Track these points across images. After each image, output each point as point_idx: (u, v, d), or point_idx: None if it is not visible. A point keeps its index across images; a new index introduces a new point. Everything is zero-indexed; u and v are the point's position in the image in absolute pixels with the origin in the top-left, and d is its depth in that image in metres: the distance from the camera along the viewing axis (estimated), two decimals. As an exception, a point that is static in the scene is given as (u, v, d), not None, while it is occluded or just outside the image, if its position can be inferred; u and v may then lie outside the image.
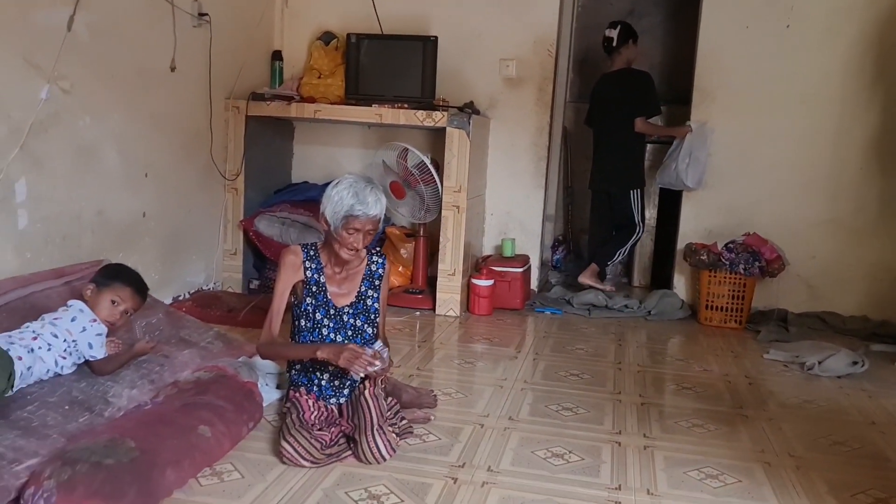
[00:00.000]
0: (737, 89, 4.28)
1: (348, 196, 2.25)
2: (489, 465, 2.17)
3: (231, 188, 4.11)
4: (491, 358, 3.33)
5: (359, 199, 2.24)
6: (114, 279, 2.40)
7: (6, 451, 1.80)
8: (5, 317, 2.36)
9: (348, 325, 2.41)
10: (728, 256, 4.05)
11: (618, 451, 2.33)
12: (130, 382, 2.33)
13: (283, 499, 1.91)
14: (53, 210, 2.81)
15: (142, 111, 3.29)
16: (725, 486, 2.13)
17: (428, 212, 4.06)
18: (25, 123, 2.61)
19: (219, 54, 3.83)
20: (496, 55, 4.43)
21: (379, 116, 3.99)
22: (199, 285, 3.94)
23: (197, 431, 2.05)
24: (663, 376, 3.19)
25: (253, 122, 4.09)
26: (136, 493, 1.69)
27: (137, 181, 3.32)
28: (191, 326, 2.93)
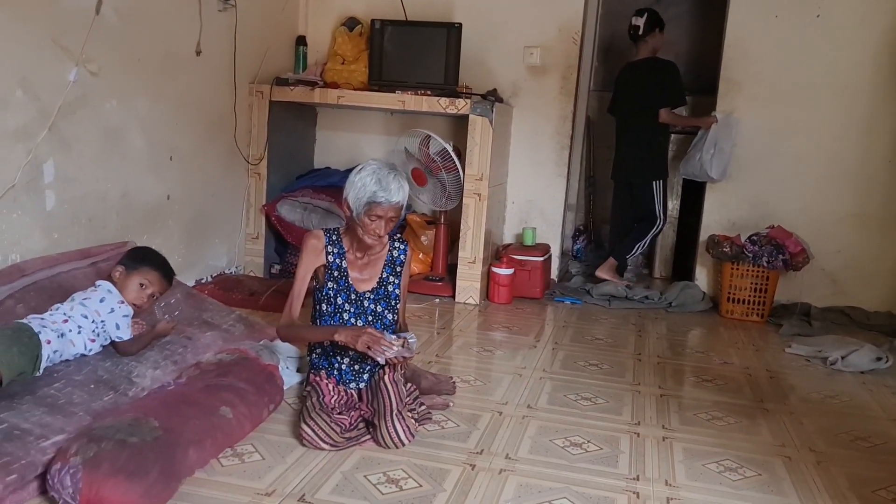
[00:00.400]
0: (764, 79, 4.22)
1: (371, 182, 2.25)
2: (507, 453, 2.18)
3: (254, 173, 4.13)
4: (510, 346, 3.33)
5: (381, 186, 2.24)
6: (143, 263, 2.44)
7: (33, 428, 1.84)
8: (33, 295, 2.41)
9: (369, 311, 2.42)
10: (751, 249, 4.01)
11: (636, 441, 2.32)
12: (154, 363, 2.36)
13: (302, 480, 1.93)
14: (80, 191, 2.84)
15: (167, 95, 3.32)
16: (745, 479, 2.12)
17: (449, 199, 4.05)
18: (54, 105, 2.64)
19: (244, 39, 3.84)
20: (520, 42, 4.40)
21: (402, 103, 3.99)
22: (221, 269, 3.97)
23: (219, 412, 2.07)
24: (683, 368, 3.17)
25: (276, 107, 4.11)
26: (159, 472, 1.72)
27: (162, 164, 3.35)
28: (213, 309, 2.96)
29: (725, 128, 4.20)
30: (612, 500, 1.94)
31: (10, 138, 2.49)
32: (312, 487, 1.90)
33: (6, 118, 2.47)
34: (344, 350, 2.37)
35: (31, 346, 2.06)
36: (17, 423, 1.84)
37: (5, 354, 1.96)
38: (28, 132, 2.56)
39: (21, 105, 2.52)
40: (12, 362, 1.97)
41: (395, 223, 2.35)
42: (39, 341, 2.09)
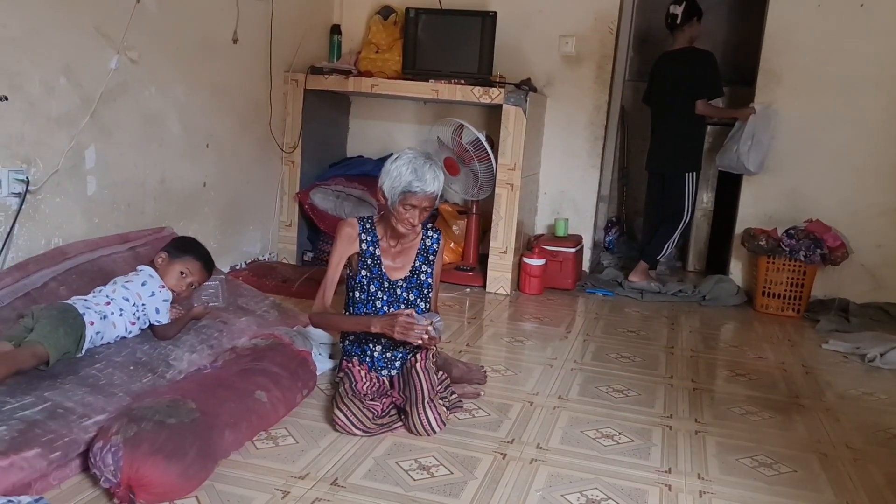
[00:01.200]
0: (805, 70, 4.14)
1: (407, 172, 2.25)
2: (538, 443, 2.18)
3: (288, 161, 4.17)
4: (541, 337, 3.32)
5: (417, 176, 2.25)
6: (186, 252, 2.49)
7: (76, 407, 1.89)
8: (75, 278, 2.46)
9: (401, 299, 2.43)
10: (788, 242, 3.94)
11: (668, 434, 2.31)
12: (191, 347, 2.40)
13: (335, 465, 1.95)
14: (120, 177, 2.89)
15: (204, 82, 3.36)
16: (779, 475, 2.09)
17: (481, 189, 4.05)
18: (96, 92, 2.69)
19: (279, 27, 3.87)
20: (555, 31, 4.37)
21: (435, 92, 3.99)
22: (254, 255, 4.02)
23: (254, 396, 2.10)
24: (716, 362, 3.14)
25: (311, 96, 4.14)
26: (196, 453, 1.75)
27: (199, 151, 3.40)
28: (248, 295, 3.00)
29: (764, 120, 4.12)
30: (644, 492, 1.93)
31: (54, 124, 2.54)
32: (345, 472, 1.92)
33: (51, 105, 2.52)
34: (376, 338, 2.39)
35: (75, 326, 2.11)
36: (60, 401, 1.89)
37: (52, 335, 2.01)
38: (71, 119, 2.61)
39: (65, 92, 2.57)
40: (58, 343, 2.02)
41: (430, 213, 2.36)
42: (84, 322, 2.14)
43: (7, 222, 2.40)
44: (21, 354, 1.95)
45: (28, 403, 1.85)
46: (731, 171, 4.31)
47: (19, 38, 2.36)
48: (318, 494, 1.80)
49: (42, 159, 2.51)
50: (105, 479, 1.68)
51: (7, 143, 2.37)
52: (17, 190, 2.41)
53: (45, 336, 2.01)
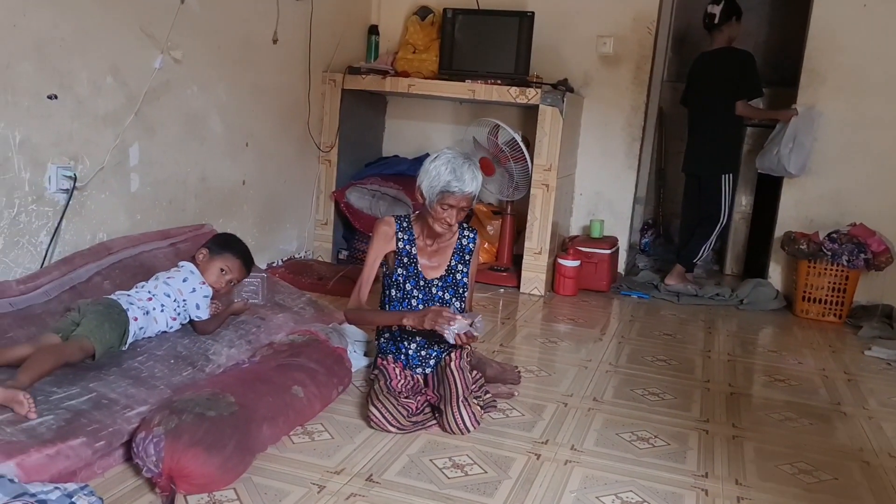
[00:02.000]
0: (850, 71, 4.05)
1: (446, 172, 2.26)
2: (573, 444, 2.17)
3: (325, 160, 4.21)
4: (575, 338, 3.30)
5: (456, 176, 2.25)
6: (226, 249, 2.53)
7: (119, 398, 1.93)
8: (118, 273, 2.52)
9: (437, 298, 2.44)
10: (830, 247, 3.86)
11: (705, 438, 2.28)
12: (229, 342, 2.44)
13: (370, 461, 1.97)
14: (162, 175, 2.95)
15: (245, 82, 3.41)
16: (819, 482, 2.05)
17: (516, 189, 4.04)
18: (140, 91, 2.75)
19: (318, 28, 3.91)
20: (593, 32, 4.34)
21: (472, 92, 3.99)
22: (291, 253, 4.07)
23: (291, 391, 2.13)
24: (754, 367, 3.09)
25: (348, 96, 4.17)
26: (235, 445, 1.78)
27: (238, 150, 3.45)
28: (285, 292, 3.04)
29: (806, 121, 4.04)
30: (680, 496, 1.91)
31: (101, 123, 2.61)
32: (380, 468, 1.93)
33: (98, 103, 2.58)
34: (411, 335, 2.41)
35: (120, 322, 2.17)
36: (105, 392, 1.94)
37: (98, 331, 2.07)
38: (117, 117, 2.67)
39: (111, 91, 2.63)
40: (104, 338, 2.08)
41: (467, 213, 2.36)
42: (127, 318, 2.19)
43: (55, 217, 2.47)
44: (69, 348, 2.00)
45: (74, 394, 1.90)
46: (771, 173, 4.24)
47: (69, 39, 2.43)
48: (353, 490, 1.82)
49: (89, 157, 2.57)
50: (147, 469, 1.72)
51: (57, 140, 2.44)
52: (65, 186, 2.47)
53: (92, 331, 2.06)
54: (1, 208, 2.29)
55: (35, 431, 1.68)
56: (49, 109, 2.39)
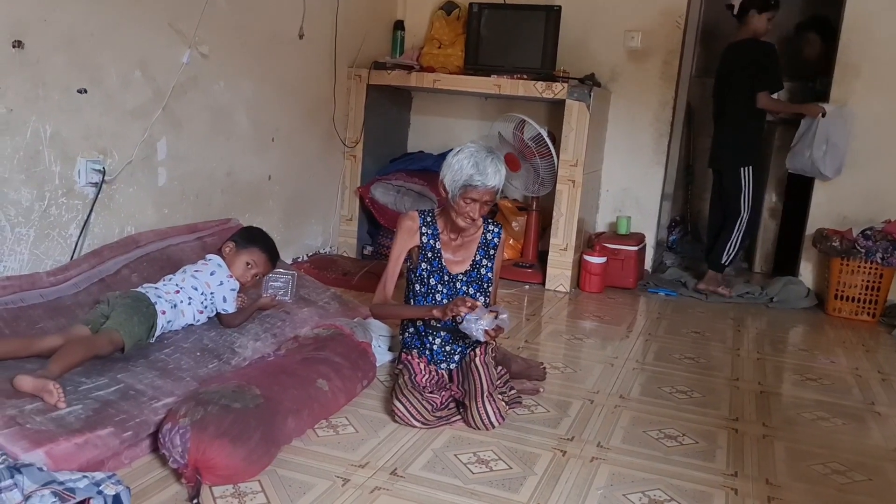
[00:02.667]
0: (886, 64, 3.95)
1: (468, 165, 2.24)
2: (599, 441, 2.14)
3: (350, 155, 4.21)
4: (601, 335, 3.27)
5: (478, 170, 2.24)
6: (252, 243, 2.54)
7: (146, 389, 1.95)
8: (146, 266, 2.55)
9: (461, 293, 2.42)
10: (864, 244, 3.78)
11: (734, 437, 2.24)
12: (255, 335, 2.45)
13: (394, 455, 1.96)
14: (189, 169, 2.97)
15: (271, 77, 3.42)
16: (853, 482, 2.01)
17: (542, 185, 4.01)
18: (168, 86, 2.77)
19: (344, 23, 3.91)
20: (621, 26, 4.29)
21: (497, 87, 3.97)
22: (316, 248, 4.08)
23: (315, 384, 2.13)
24: (785, 365, 3.03)
25: (373, 91, 4.17)
26: (260, 437, 1.78)
27: (265, 145, 3.46)
28: (310, 286, 3.04)
29: (838, 121, 3.93)
30: (709, 495, 1.88)
31: (129, 117, 2.63)
32: (404, 462, 1.93)
33: (126, 98, 2.60)
34: (436, 330, 2.40)
35: (148, 315, 2.18)
36: (132, 383, 1.95)
37: (127, 324, 2.09)
38: (145, 111, 2.69)
39: (139, 85, 2.65)
40: (133, 332, 2.10)
41: (490, 207, 2.34)
42: (155, 311, 2.21)
43: (84, 210, 2.49)
44: (99, 340, 2.02)
45: (102, 384, 1.92)
46: (804, 174, 4.14)
47: (98, 34, 2.45)
48: (377, 483, 1.81)
49: (117, 150, 2.60)
50: (173, 460, 1.73)
51: (86, 134, 2.46)
52: (95, 180, 2.50)
53: (122, 324, 2.09)
54: (32, 201, 2.32)
55: (64, 421, 1.69)
56: (79, 103, 2.42)
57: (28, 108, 2.26)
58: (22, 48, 2.20)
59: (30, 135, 2.27)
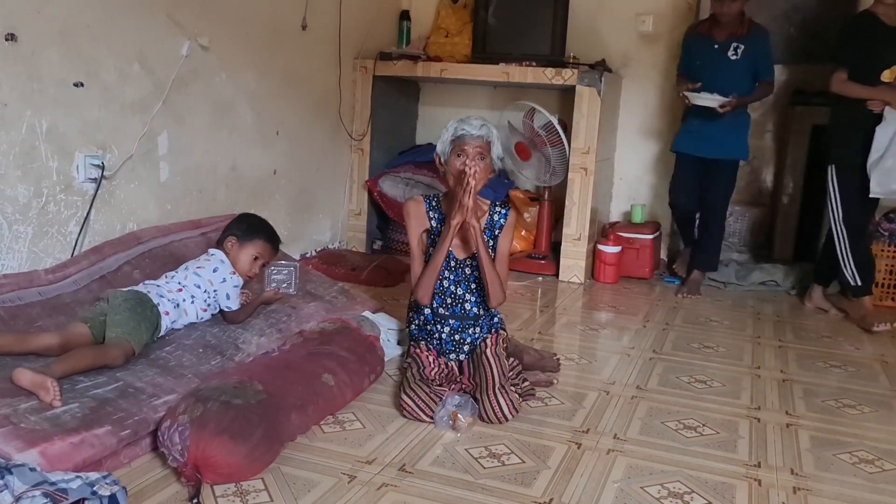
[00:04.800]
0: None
1: (454, 123, 2.28)
2: (615, 433, 2.06)
3: (357, 148, 4.15)
4: (617, 326, 3.19)
5: (463, 122, 2.26)
6: (255, 235, 2.47)
7: (146, 387, 1.90)
8: (148, 262, 2.50)
9: (472, 278, 2.35)
10: (888, 227, 3.66)
11: (757, 427, 2.15)
12: (259, 330, 2.39)
13: (402, 450, 1.90)
14: (191, 164, 2.92)
15: (274, 69, 3.36)
16: (883, 472, 1.92)
17: (554, 175, 3.93)
18: (168, 79, 2.72)
19: (348, 14, 3.84)
20: (632, 10, 4.19)
21: (506, 75, 3.89)
22: (324, 243, 4.02)
23: (321, 379, 2.07)
24: (808, 353, 2.93)
25: (380, 83, 4.10)
26: (262, 434, 1.72)
27: (269, 138, 3.41)
28: (317, 281, 2.98)
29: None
30: (732, 486, 1.80)
31: (128, 110, 2.58)
32: (413, 458, 1.86)
33: (125, 91, 2.55)
34: (444, 319, 2.33)
35: (152, 318, 2.14)
36: (131, 381, 1.90)
37: (136, 332, 2.05)
38: (144, 105, 2.64)
39: (138, 78, 2.60)
40: (140, 338, 2.07)
41: (487, 166, 2.24)
42: (159, 313, 2.16)
43: (84, 207, 2.45)
44: (111, 353, 1.97)
45: (100, 383, 1.87)
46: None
47: (94, 25, 2.40)
48: (385, 479, 1.75)
49: (117, 145, 2.55)
50: (173, 459, 1.67)
51: (84, 129, 2.42)
52: (94, 175, 2.45)
53: (131, 333, 2.04)
54: (30, 198, 2.27)
55: (59, 420, 1.64)
56: (76, 97, 2.37)
57: (23, 102, 2.21)
58: (15, 41, 2.16)
59: (25, 130, 2.23)
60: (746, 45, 3.50)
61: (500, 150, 2.31)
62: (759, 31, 3.54)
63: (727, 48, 3.51)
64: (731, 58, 3.51)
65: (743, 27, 3.51)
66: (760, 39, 3.52)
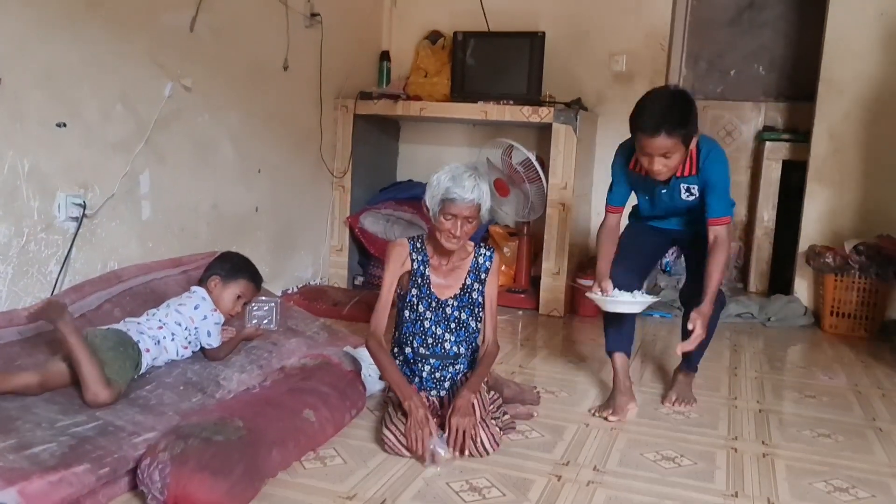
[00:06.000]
0: (870, 79, 3.97)
1: (446, 180, 2.22)
2: (595, 465, 2.08)
3: (338, 185, 4.19)
4: (597, 359, 3.21)
5: (456, 183, 2.20)
6: (238, 274, 2.49)
7: (126, 425, 1.89)
8: (129, 300, 2.50)
9: (451, 318, 2.37)
10: (857, 259, 3.75)
11: (734, 456, 2.18)
12: (240, 367, 2.40)
13: (384, 486, 1.90)
14: (173, 202, 2.94)
15: (256, 109, 3.41)
16: (857, 500, 1.95)
17: (532, 210, 3.99)
18: (150, 119, 2.75)
19: (329, 54, 3.92)
20: (605, 50, 4.32)
21: (484, 113, 3.97)
22: (306, 280, 4.04)
23: (302, 415, 2.07)
24: (783, 383, 2.98)
25: (360, 121, 4.17)
26: (243, 471, 1.72)
27: (251, 176, 3.44)
28: (298, 317, 2.99)
29: None
30: (709, 516, 1.82)
31: (110, 150, 2.61)
32: (394, 493, 1.86)
33: (107, 131, 2.58)
34: (424, 359, 2.35)
35: (134, 356, 2.15)
36: (111, 420, 1.90)
37: (122, 372, 2.07)
38: (127, 144, 2.67)
39: (121, 118, 2.63)
40: (126, 377, 2.09)
41: (474, 226, 2.29)
42: (140, 351, 2.17)
43: (65, 245, 2.46)
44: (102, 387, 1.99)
45: (80, 421, 1.86)
46: None
47: (77, 66, 2.44)
48: (365, 515, 1.75)
49: (99, 184, 2.57)
50: (152, 497, 1.66)
51: (66, 168, 2.44)
52: (75, 214, 2.46)
53: (119, 374, 2.06)
54: (10, 237, 2.28)
55: (38, 458, 1.63)
56: (58, 137, 2.39)
57: (5, 142, 2.23)
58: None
59: (7, 170, 2.24)
60: (699, 183, 2.46)
61: (489, 203, 2.27)
62: (709, 157, 2.42)
63: (677, 190, 2.51)
64: (686, 200, 2.51)
65: (691, 165, 2.44)
66: (712, 168, 2.42)
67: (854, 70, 3.99)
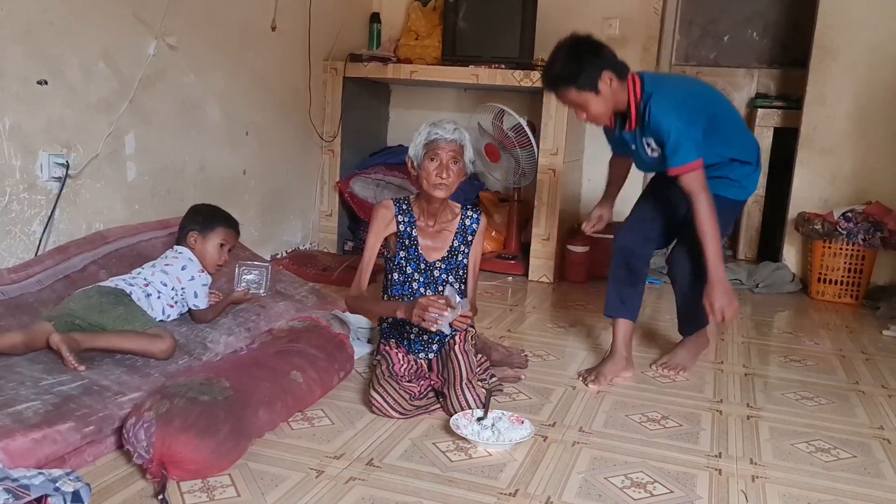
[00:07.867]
0: (863, 45, 3.94)
1: (426, 127, 2.27)
2: (581, 426, 2.10)
3: (328, 150, 4.15)
4: (585, 324, 3.23)
5: (436, 126, 2.25)
6: (215, 223, 2.47)
7: (112, 385, 1.89)
8: (115, 262, 2.48)
9: (440, 280, 2.37)
10: (845, 226, 3.76)
11: (718, 419, 2.20)
12: (228, 329, 2.39)
13: (371, 446, 1.91)
14: (159, 163, 2.91)
15: (243, 69, 3.36)
16: (838, 460, 1.97)
17: (523, 176, 3.97)
18: (134, 78, 2.70)
19: (318, 15, 3.85)
20: (598, 14, 4.26)
21: (475, 77, 3.92)
22: (295, 245, 4.01)
23: (289, 376, 2.07)
24: (769, 348, 3.00)
25: (350, 84, 4.11)
26: (229, 430, 1.72)
27: (238, 139, 3.40)
28: (287, 281, 2.97)
29: None
30: (693, 476, 1.84)
31: (93, 110, 2.56)
32: (381, 452, 1.87)
33: (90, 90, 2.54)
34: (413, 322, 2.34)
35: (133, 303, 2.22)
36: (96, 379, 1.89)
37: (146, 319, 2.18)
38: (110, 104, 2.63)
39: (103, 77, 2.58)
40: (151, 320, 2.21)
41: (459, 170, 2.27)
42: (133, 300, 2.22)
43: (48, 206, 2.42)
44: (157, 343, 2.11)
45: (65, 380, 1.85)
46: None
47: (58, 23, 2.38)
48: (352, 474, 1.76)
49: (82, 144, 2.53)
50: (138, 455, 1.67)
51: (47, 127, 2.40)
52: (58, 174, 2.43)
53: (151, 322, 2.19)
54: (-8, 197, 2.25)
55: (21, 416, 1.63)
56: (39, 95, 2.35)
57: (-15, 100, 2.19)
58: (-23, 38, 2.14)
59: (-12, 128, 2.21)
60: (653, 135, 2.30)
61: (472, 154, 2.32)
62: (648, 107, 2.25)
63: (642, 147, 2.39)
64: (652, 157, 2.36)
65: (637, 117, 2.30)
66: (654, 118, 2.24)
67: (848, 36, 3.96)
